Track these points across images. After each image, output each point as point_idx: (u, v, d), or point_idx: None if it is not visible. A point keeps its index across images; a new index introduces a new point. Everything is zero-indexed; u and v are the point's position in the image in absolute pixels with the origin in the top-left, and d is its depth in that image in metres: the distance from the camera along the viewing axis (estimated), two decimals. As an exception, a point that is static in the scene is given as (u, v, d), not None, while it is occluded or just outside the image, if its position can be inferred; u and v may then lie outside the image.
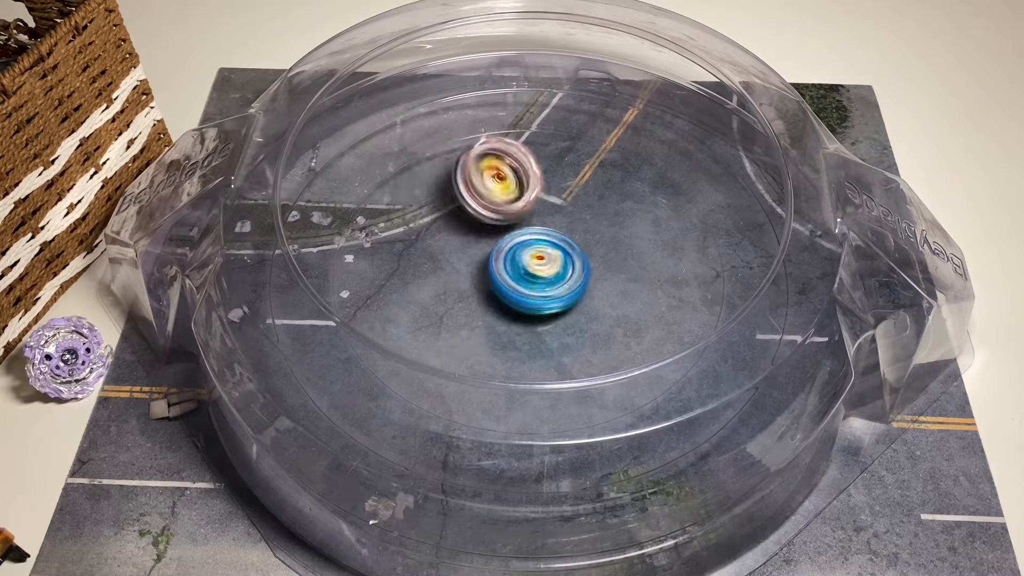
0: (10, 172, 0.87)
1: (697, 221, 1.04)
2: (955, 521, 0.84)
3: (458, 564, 0.80)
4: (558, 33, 1.17)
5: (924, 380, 0.92)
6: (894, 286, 0.89)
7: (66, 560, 0.82)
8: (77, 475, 0.87)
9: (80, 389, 0.91)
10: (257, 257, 1.01)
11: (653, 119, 1.14)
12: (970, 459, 0.88)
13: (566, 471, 0.85)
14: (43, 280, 0.97)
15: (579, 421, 0.89)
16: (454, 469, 0.85)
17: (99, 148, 0.98)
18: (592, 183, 1.08)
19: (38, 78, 0.88)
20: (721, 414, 0.88)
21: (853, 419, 0.90)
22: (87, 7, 0.91)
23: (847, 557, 0.82)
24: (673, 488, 0.83)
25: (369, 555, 0.81)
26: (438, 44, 1.16)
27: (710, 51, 1.07)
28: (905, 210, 0.94)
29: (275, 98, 1.04)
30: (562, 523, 0.82)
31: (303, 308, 0.96)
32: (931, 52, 1.27)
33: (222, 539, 0.83)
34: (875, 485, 0.86)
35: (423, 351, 0.93)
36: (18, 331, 0.95)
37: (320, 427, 0.87)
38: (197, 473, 0.87)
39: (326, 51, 1.08)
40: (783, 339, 0.94)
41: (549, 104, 1.16)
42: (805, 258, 1.00)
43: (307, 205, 1.06)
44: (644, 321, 0.96)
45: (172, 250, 0.94)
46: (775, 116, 1.04)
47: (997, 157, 1.14)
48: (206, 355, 0.86)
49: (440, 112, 1.16)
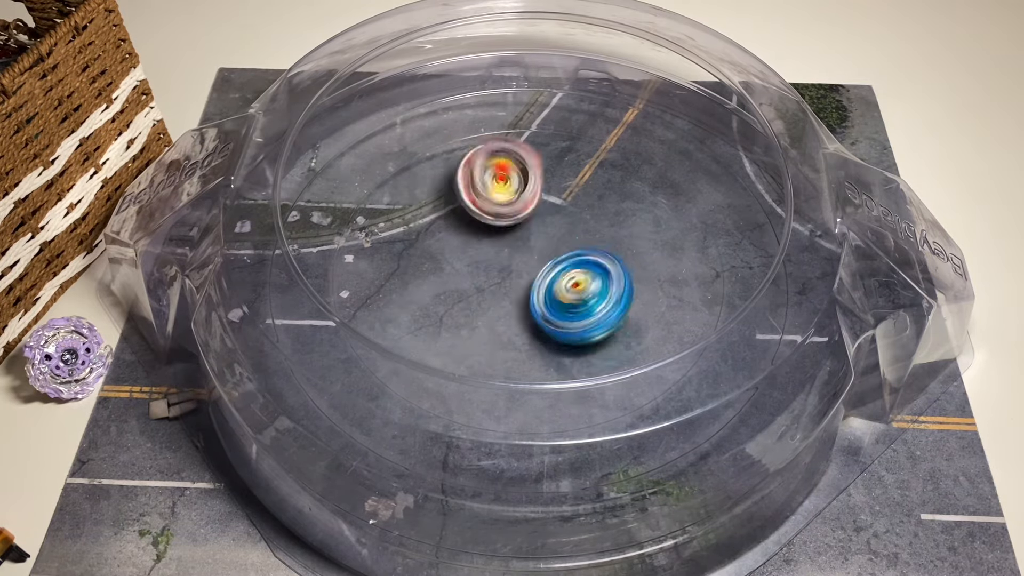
0: (10, 172, 0.87)
1: (697, 221, 1.04)
2: (955, 521, 0.84)
3: (458, 564, 0.80)
4: (558, 33, 1.17)
5: (924, 380, 0.92)
6: (894, 286, 0.89)
7: (66, 560, 0.82)
8: (77, 475, 0.87)
9: (80, 389, 0.91)
10: (257, 257, 1.01)
11: (653, 119, 1.14)
12: (970, 459, 0.88)
13: (566, 471, 0.85)
14: (43, 280, 0.97)
15: (579, 421, 0.89)
16: (454, 469, 0.85)
17: (99, 148, 0.98)
18: (592, 183, 1.08)
19: (38, 78, 0.88)
20: (721, 414, 0.88)
21: (853, 419, 0.90)
22: (87, 7, 0.91)
23: (847, 557, 0.82)
24: (673, 488, 0.83)
25: (369, 555, 0.81)
26: (438, 44, 1.16)
27: (710, 51, 1.07)
28: (905, 210, 0.94)
29: (275, 98, 1.04)
30: (562, 523, 0.82)
31: (303, 308, 0.96)
32: (931, 52, 1.27)
33: (222, 539, 0.83)
34: (875, 485, 0.86)
35: (423, 351, 0.93)
36: (18, 331, 0.95)
37: (320, 427, 0.87)
38: (197, 473, 0.87)
39: (326, 51, 1.07)
40: (783, 339, 0.94)
41: (549, 104, 1.16)
42: (805, 258, 1.00)
43: (307, 205, 1.06)
44: (644, 321, 0.96)
45: (172, 250, 0.94)
46: (775, 116, 1.04)
47: (997, 157, 1.14)
48: (206, 355, 0.86)
49: (440, 112, 1.16)
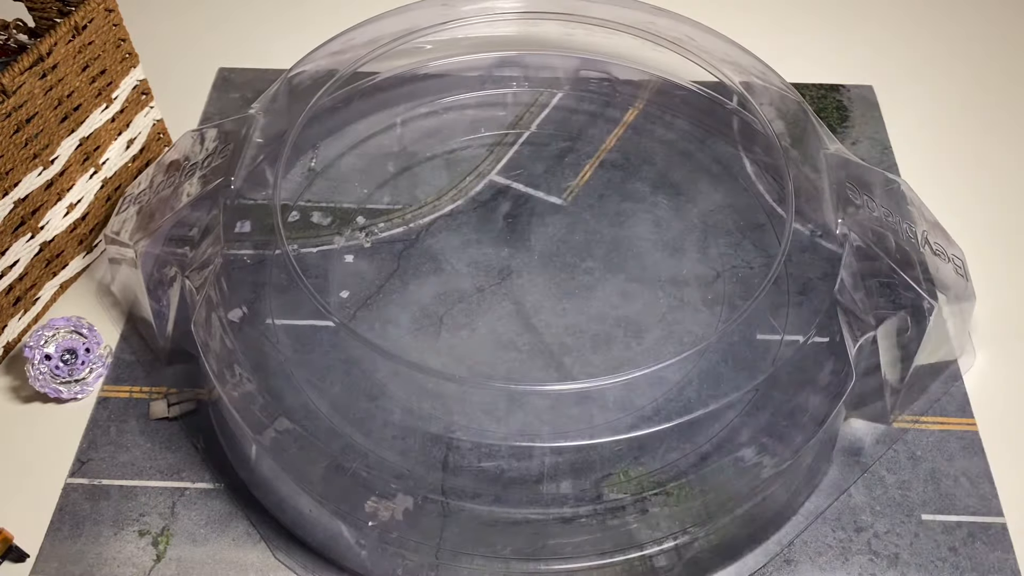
0: (10, 172, 0.87)
1: (697, 221, 1.04)
2: (955, 521, 0.84)
3: (458, 565, 0.80)
4: (558, 33, 1.17)
5: (925, 381, 0.92)
6: (895, 287, 0.89)
7: (66, 560, 0.82)
8: (77, 475, 0.87)
9: (80, 389, 0.91)
10: (257, 257, 1.01)
11: (653, 119, 1.14)
12: (970, 459, 0.88)
13: (566, 472, 0.85)
14: (43, 280, 0.96)
15: (580, 422, 0.88)
16: (454, 470, 0.85)
17: (99, 148, 0.98)
18: (592, 183, 1.08)
19: (38, 78, 0.87)
20: (722, 415, 0.88)
21: (854, 420, 0.90)
22: (87, 7, 0.91)
23: (848, 557, 0.82)
24: (674, 489, 0.83)
25: (369, 556, 0.81)
26: (438, 44, 1.16)
27: (710, 51, 1.07)
28: (906, 210, 0.94)
29: (275, 98, 1.04)
30: (562, 524, 0.81)
31: (303, 308, 0.96)
32: (931, 52, 1.26)
33: (222, 539, 0.83)
34: (876, 485, 0.86)
35: (423, 352, 0.93)
36: (18, 331, 0.95)
37: (320, 428, 0.87)
38: (197, 473, 0.87)
39: (326, 51, 1.07)
40: (784, 340, 0.94)
41: (549, 104, 1.16)
42: (806, 259, 1.00)
43: (307, 205, 1.06)
44: (645, 321, 0.96)
45: (172, 251, 0.94)
46: (775, 116, 1.04)
47: (998, 157, 1.13)
48: (206, 356, 0.86)
49: (440, 112, 1.16)
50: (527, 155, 1.11)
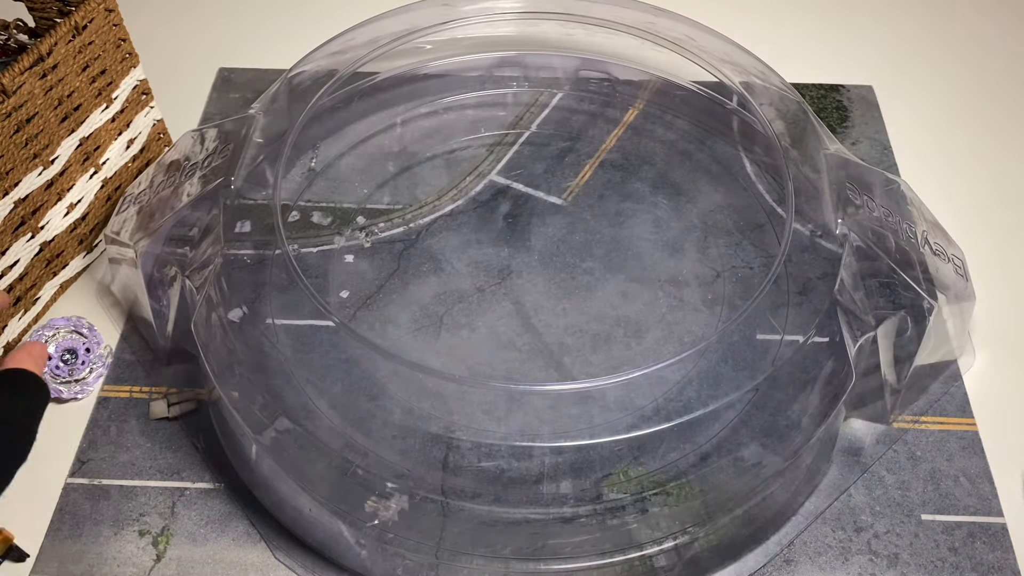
0: (10, 172, 0.87)
1: (697, 221, 1.04)
2: (955, 521, 0.84)
3: (458, 565, 0.80)
4: (558, 33, 1.17)
5: (925, 381, 0.92)
6: (895, 287, 0.89)
7: (66, 560, 0.82)
8: (77, 475, 0.87)
9: (80, 389, 0.91)
10: (257, 257, 1.01)
11: (653, 119, 1.14)
12: (970, 459, 0.88)
13: (566, 472, 0.85)
14: (43, 280, 0.96)
15: (579, 422, 0.88)
16: (454, 470, 0.85)
17: (99, 148, 0.98)
18: (592, 183, 1.08)
19: (38, 78, 0.87)
20: (722, 415, 0.88)
21: (854, 420, 0.90)
22: (87, 7, 0.91)
23: (847, 558, 0.82)
24: (674, 489, 0.83)
25: (369, 556, 0.81)
26: (438, 44, 1.16)
27: (710, 51, 1.07)
28: (906, 211, 0.94)
29: (275, 98, 1.04)
30: (562, 524, 0.81)
31: (303, 308, 0.96)
32: (931, 52, 1.26)
33: (222, 539, 0.83)
34: (875, 485, 0.86)
35: (423, 351, 0.93)
36: (18, 331, 0.95)
37: (320, 428, 0.87)
38: (197, 473, 0.87)
39: (326, 51, 1.07)
40: (784, 340, 0.94)
41: (549, 104, 1.16)
42: (806, 259, 1.00)
43: (307, 205, 1.06)
44: (645, 321, 0.96)
45: (172, 250, 0.94)
46: (775, 116, 1.04)
47: (998, 157, 1.13)
48: (206, 355, 0.86)
49: (440, 112, 1.16)
50: (527, 155, 1.11)
